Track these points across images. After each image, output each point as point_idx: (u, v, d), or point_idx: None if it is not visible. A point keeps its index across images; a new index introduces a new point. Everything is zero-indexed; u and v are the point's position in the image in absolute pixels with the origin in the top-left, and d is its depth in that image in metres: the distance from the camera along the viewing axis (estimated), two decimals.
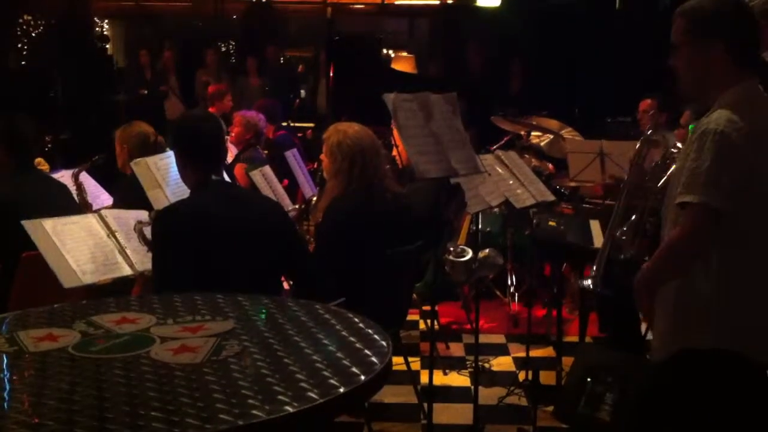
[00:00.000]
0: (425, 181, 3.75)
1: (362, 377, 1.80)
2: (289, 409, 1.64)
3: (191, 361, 1.90)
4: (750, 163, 2.33)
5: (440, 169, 3.53)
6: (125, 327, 2.18)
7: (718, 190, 2.29)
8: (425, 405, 3.93)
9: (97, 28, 12.66)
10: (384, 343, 2.02)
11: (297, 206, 5.17)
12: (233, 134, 6.19)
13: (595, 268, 3.49)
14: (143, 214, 3.45)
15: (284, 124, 8.75)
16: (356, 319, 2.21)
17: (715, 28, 2.40)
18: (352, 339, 2.06)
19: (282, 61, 11.93)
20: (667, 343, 2.51)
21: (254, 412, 1.63)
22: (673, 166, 2.54)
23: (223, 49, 12.60)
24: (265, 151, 6.41)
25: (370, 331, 2.12)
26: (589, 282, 3.74)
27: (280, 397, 1.69)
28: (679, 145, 2.92)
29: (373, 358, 1.91)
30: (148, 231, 3.23)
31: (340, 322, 2.20)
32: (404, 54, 12.31)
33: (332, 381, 1.77)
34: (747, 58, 2.44)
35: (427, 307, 5.30)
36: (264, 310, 2.38)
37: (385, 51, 12.37)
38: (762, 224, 2.38)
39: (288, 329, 2.15)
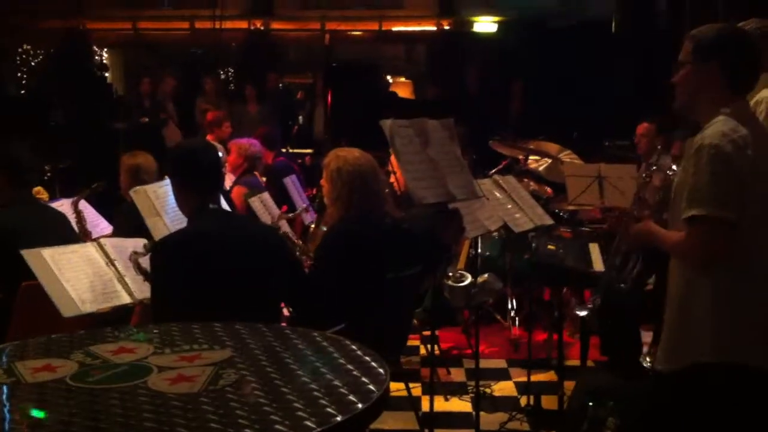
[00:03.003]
0: (423, 207, 3.75)
1: (360, 405, 1.80)
2: None
3: (188, 391, 1.90)
4: (745, 174, 2.42)
5: (437, 195, 3.53)
6: (123, 357, 2.18)
7: (723, 202, 2.39)
8: (426, 431, 3.91)
9: (96, 57, 12.73)
10: (381, 370, 2.01)
11: (289, 214, 5.15)
12: (228, 162, 6.21)
13: (594, 299, 3.52)
14: (141, 243, 3.45)
15: (283, 150, 8.78)
16: (354, 347, 2.21)
17: (715, 53, 2.58)
18: (349, 366, 2.05)
19: (281, 88, 11.98)
20: (672, 356, 2.56)
21: None
22: (674, 182, 2.62)
23: (223, 76, 12.66)
24: (263, 178, 6.42)
25: (367, 358, 2.11)
26: (585, 312, 3.74)
27: (277, 426, 1.68)
28: (674, 167, 2.98)
29: (371, 386, 1.90)
30: (143, 261, 3.23)
31: (337, 349, 2.20)
32: (402, 79, 12.38)
33: (329, 409, 1.76)
34: (742, 83, 2.61)
35: (427, 333, 5.28)
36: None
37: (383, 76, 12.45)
38: (760, 234, 2.45)
39: (285, 357, 2.14)
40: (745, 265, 2.45)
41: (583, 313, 3.52)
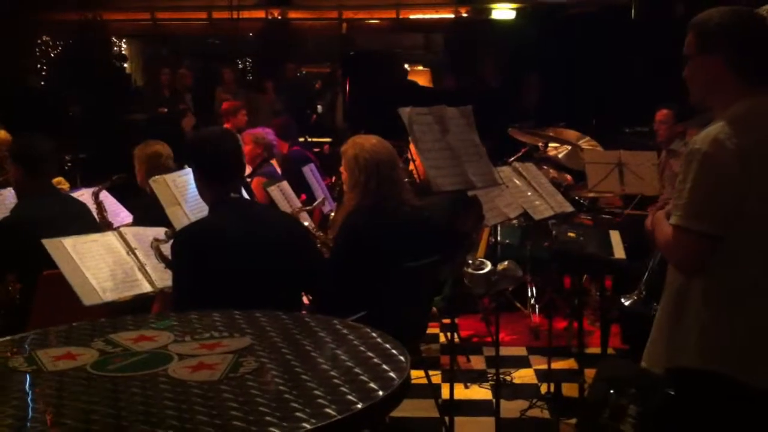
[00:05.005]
0: (442, 194, 3.74)
1: (380, 393, 1.79)
2: (307, 426, 1.63)
3: (209, 379, 1.90)
4: (739, 182, 2.29)
5: (456, 183, 3.51)
6: (143, 345, 2.18)
7: (699, 214, 2.30)
8: (447, 419, 3.91)
9: (114, 48, 12.77)
10: (402, 358, 2.00)
11: (307, 207, 5.11)
12: (246, 153, 6.20)
13: (640, 288, 3.50)
14: (161, 232, 3.45)
15: (301, 139, 8.78)
16: (374, 334, 2.20)
17: (717, 42, 2.38)
18: (370, 354, 2.04)
19: (299, 77, 11.98)
20: (661, 358, 2.50)
21: (272, 429, 1.62)
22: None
23: (241, 66, 12.67)
24: (280, 169, 6.43)
25: (388, 345, 2.10)
26: (630, 302, 3.72)
27: (297, 413, 1.68)
28: None
29: (392, 374, 1.89)
30: (164, 248, 3.23)
31: (357, 337, 2.19)
32: (420, 68, 12.34)
33: (350, 397, 1.76)
34: (753, 73, 2.40)
35: (447, 321, 5.27)
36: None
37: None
38: (754, 244, 2.33)
39: (305, 345, 2.14)
40: (735, 272, 2.34)
41: (628, 302, 3.49)
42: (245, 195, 3.74)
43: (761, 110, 2.40)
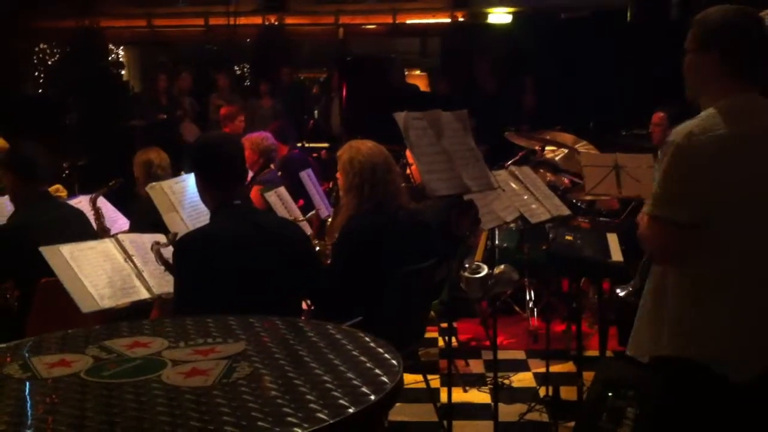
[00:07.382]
0: (439, 199, 3.74)
1: (372, 397, 1.79)
2: (299, 431, 1.63)
3: (202, 384, 1.90)
4: (716, 173, 2.35)
5: (451, 187, 3.52)
6: (137, 351, 2.18)
7: (669, 202, 2.36)
8: (445, 423, 3.91)
9: (112, 55, 12.79)
10: (395, 362, 2.00)
11: (302, 218, 5.08)
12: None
13: (636, 279, 3.52)
14: (160, 237, 3.46)
15: (299, 144, 8.78)
16: (367, 338, 2.20)
17: (715, 39, 2.47)
18: (362, 358, 2.05)
19: (296, 82, 11.99)
20: (643, 346, 2.56)
21: None
22: None
23: (238, 72, 12.68)
24: (279, 172, 6.41)
25: (380, 350, 2.10)
26: (625, 292, 3.72)
27: (289, 419, 1.68)
28: None
29: (384, 378, 1.90)
30: (165, 251, 3.23)
31: (350, 341, 2.19)
32: (417, 72, 12.36)
33: (342, 401, 1.76)
34: (745, 72, 2.47)
35: (445, 324, 5.28)
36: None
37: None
38: (731, 234, 2.37)
39: (299, 350, 2.14)
40: (712, 262, 2.38)
41: (623, 293, 3.51)
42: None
43: (746, 105, 2.46)
